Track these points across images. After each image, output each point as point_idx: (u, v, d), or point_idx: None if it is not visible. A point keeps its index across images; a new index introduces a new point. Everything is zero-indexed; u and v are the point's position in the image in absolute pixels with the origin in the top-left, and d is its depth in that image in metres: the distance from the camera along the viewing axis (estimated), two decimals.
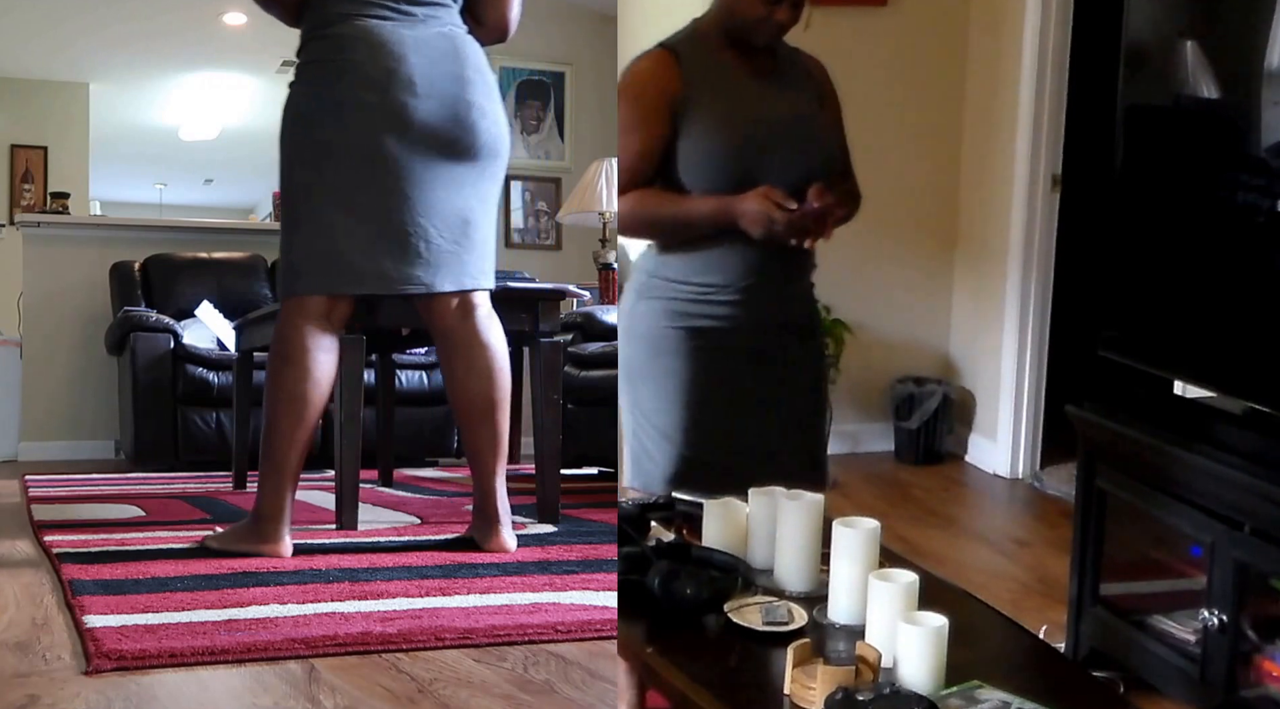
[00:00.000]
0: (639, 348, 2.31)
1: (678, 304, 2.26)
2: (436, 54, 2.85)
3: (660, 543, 2.02)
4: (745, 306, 2.24)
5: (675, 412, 2.27)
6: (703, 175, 2.20)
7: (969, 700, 1.51)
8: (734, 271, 2.23)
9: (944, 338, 4.81)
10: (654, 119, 2.22)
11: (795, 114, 2.27)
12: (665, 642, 1.74)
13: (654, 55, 2.27)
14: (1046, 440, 4.45)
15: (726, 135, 2.20)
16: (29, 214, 6.46)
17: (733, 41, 2.27)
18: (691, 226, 2.22)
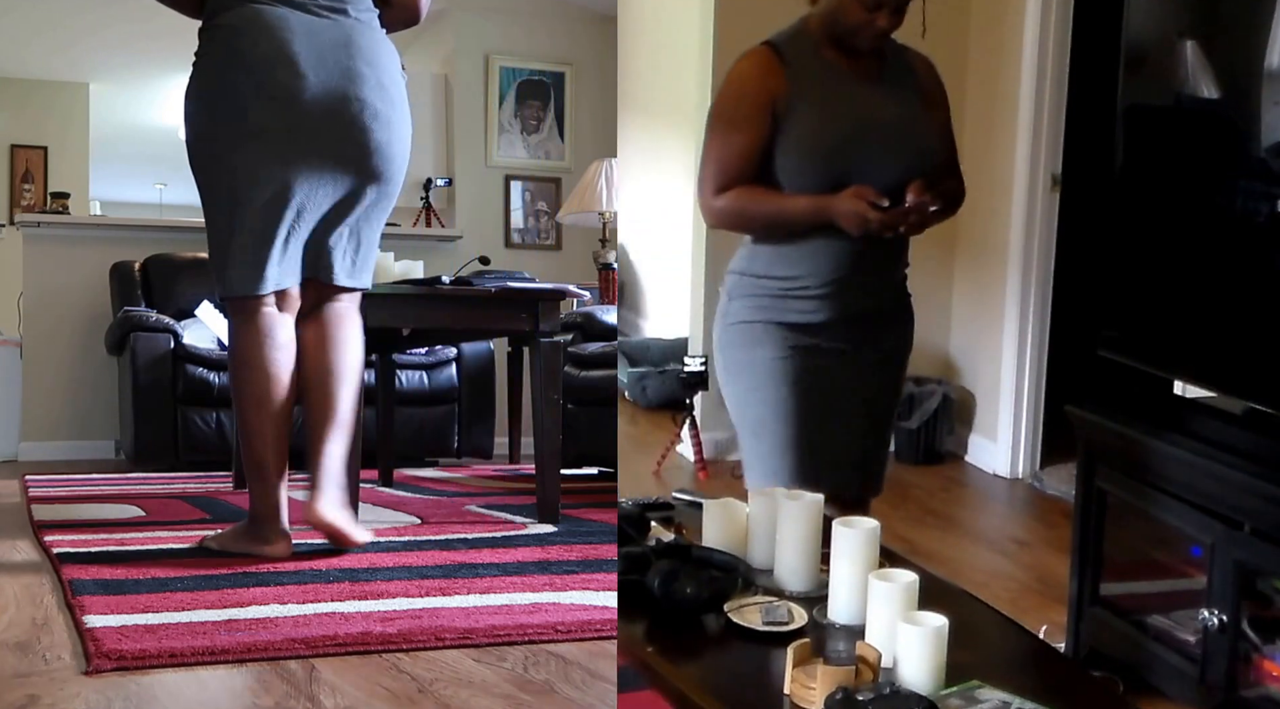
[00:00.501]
0: (732, 344, 2.34)
1: (767, 300, 2.29)
2: (325, 42, 2.76)
3: (660, 543, 2.02)
4: (835, 299, 2.26)
5: (762, 406, 2.29)
6: (799, 176, 2.22)
7: (969, 700, 1.51)
8: (826, 265, 2.25)
9: (944, 338, 4.81)
10: (756, 118, 2.24)
11: (895, 116, 2.27)
12: (665, 642, 1.74)
13: (758, 53, 2.29)
14: (1046, 440, 4.45)
15: (825, 138, 2.22)
16: (29, 214, 6.45)
17: (837, 42, 2.27)
18: (788, 225, 2.25)
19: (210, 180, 2.84)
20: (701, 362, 4.31)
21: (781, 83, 2.24)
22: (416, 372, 5.80)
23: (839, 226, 2.19)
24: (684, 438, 4.43)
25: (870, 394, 2.36)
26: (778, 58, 2.26)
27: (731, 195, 2.27)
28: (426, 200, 6.84)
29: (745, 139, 2.25)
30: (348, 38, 2.80)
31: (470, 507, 4.01)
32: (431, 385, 5.82)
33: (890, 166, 2.22)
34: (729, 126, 2.28)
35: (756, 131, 2.24)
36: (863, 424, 2.37)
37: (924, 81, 2.37)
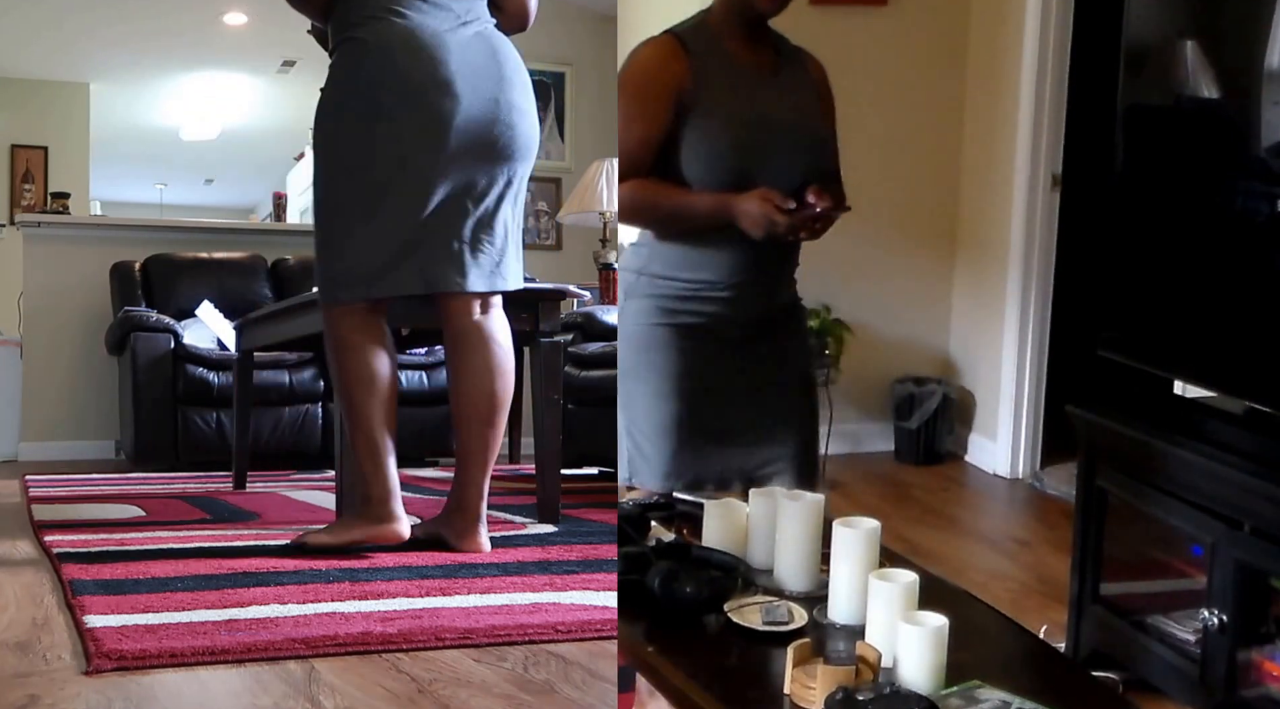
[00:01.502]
0: (628, 346, 2.32)
1: (666, 301, 2.25)
2: (476, 55, 2.81)
3: (660, 543, 2.02)
4: (734, 303, 2.24)
5: (665, 407, 2.27)
6: (703, 170, 2.18)
7: (969, 700, 1.51)
8: (725, 268, 2.22)
9: (944, 338, 4.80)
10: (658, 108, 2.19)
11: (797, 115, 2.26)
12: (665, 642, 1.74)
13: (661, 42, 2.26)
14: (1046, 440, 4.44)
15: (730, 132, 2.18)
16: (29, 214, 6.46)
17: (742, 30, 2.24)
18: (689, 221, 2.21)
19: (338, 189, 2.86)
20: None
21: (686, 74, 2.19)
22: (416, 372, 5.80)
23: (740, 227, 2.16)
24: None
25: (779, 395, 2.36)
26: (682, 48, 2.23)
27: (633, 185, 2.20)
28: None
29: (646, 128, 2.19)
30: (490, 47, 2.85)
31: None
32: (432, 385, 5.82)
33: (793, 166, 2.20)
34: (628, 116, 2.23)
35: (659, 122, 2.19)
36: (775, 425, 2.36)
37: (818, 83, 2.35)
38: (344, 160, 2.84)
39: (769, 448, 2.35)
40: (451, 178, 2.81)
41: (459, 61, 2.78)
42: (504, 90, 2.83)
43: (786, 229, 2.14)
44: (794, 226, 2.14)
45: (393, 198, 2.79)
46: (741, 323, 2.26)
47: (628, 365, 2.32)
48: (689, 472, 2.27)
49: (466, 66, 2.78)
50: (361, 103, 2.79)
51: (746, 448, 2.32)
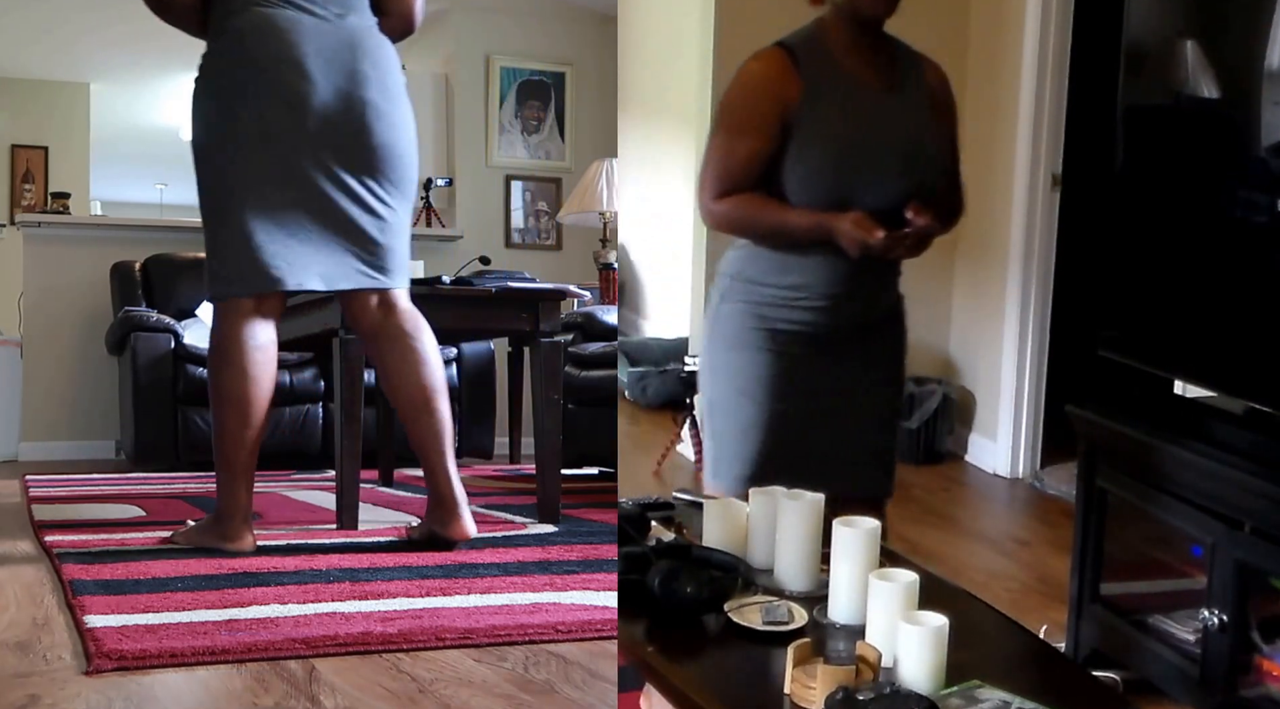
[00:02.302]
0: (717, 347, 2.32)
1: (761, 306, 2.25)
2: (331, 43, 2.79)
3: (660, 543, 2.02)
4: (831, 311, 2.24)
5: (750, 409, 2.27)
6: (803, 189, 2.17)
7: (969, 700, 1.51)
8: (823, 278, 2.21)
9: (944, 338, 4.81)
10: (765, 125, 2.16)
11: (907, 131, 2.22)
12: (665, 642, 1.74)
13: (769, 55, 2.20)
14: (1046, 440, 4.45)
15: (833, 155, 2.16)
16: (29, 214, 6.46)
17: (855, 40, 2.20)
18: (788, 237, 2.21)
19: (213, 178, 2.85)
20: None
21: (795, 89, 2.16)
22: None
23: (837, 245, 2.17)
24: (684, 437, 4.43)
25: (865, 397, 2.34)
26: (792, 61, 2.18)
27: (732, 202, 2.21)
28: (427, 200, 6.84)
29: (751, 145, 2.18)
30: (352, 40, 2.83)
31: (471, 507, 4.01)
32: None
33: (896, 183, 2.18)
34: (735, 130, 2.22)
35: (764, 139, 2.17)
36: (858, 426, 2.33)
37: (936, 91, 2.31)
38: (210, 152, 2.84)
39: (850, 450, 2.33)
40: (321, 166, 2.80)
41: (314, 46, 2.76)
42: (358, 86, 2.80)
43: (881, 251, 2.13)
44: (888, 247, 2.13)
45: (261, 188, 2.78)
46: (837, 330, 2.25)
47: (715, 364, 2.33)
48: (768, 473, 2.23)
49: (320, 54, 2.77)
50: (222, 90, 2.80)
51: (828, 451, 2.30)
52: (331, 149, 2.80)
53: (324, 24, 2.79)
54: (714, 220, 2.28)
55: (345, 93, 2.79)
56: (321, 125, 2.78)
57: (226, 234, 2.82)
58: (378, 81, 2.84)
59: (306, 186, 2.80)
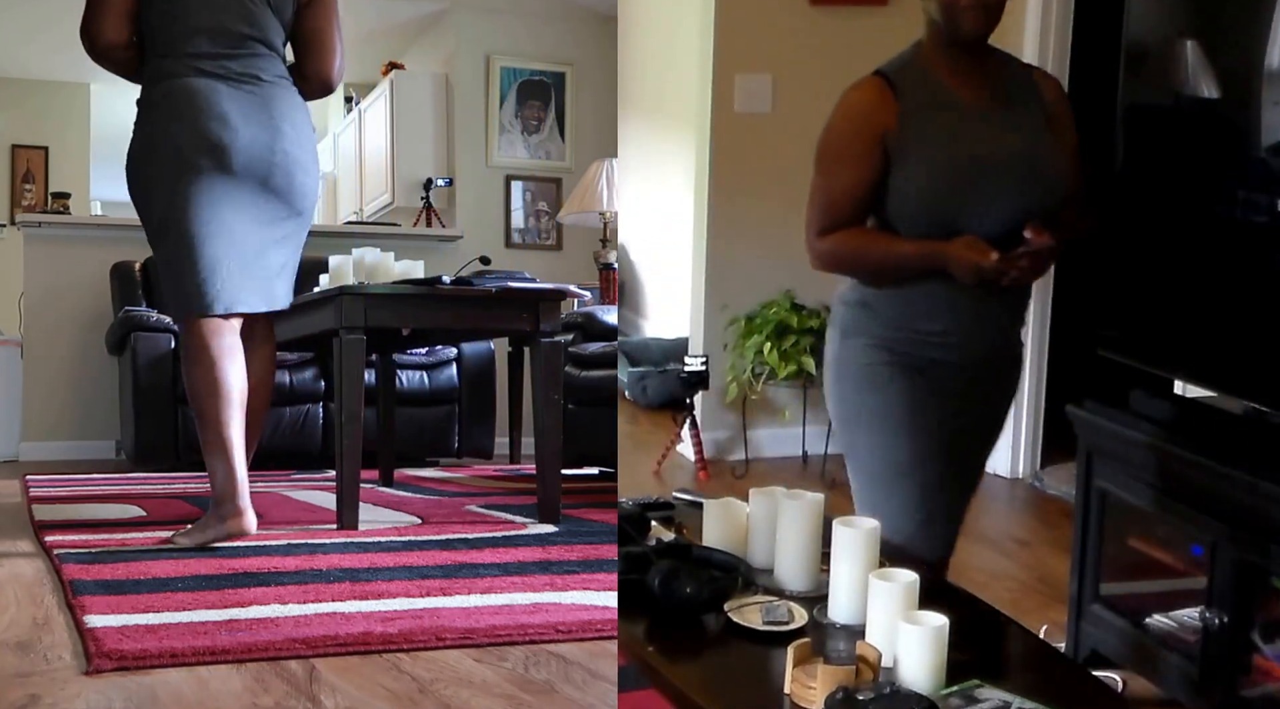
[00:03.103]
0: (849, 387, 2.21)
1: (886, 340, 2.15)
2: (250, 104, 3.07)
3: (660, 543, 2.02)
4: (957, 346, 2.14)
5: (895, 452, 2.16)
6: (910, 218, 2.09)
7: (969, 700, 1.51)
8: (943, 311, 2.12)
9: None
10: (866, 155, 2.09)
11: (1018, 149, 2.11)
12: (665, 642, 1.74)
13: (866, 85, 2.13)
14: (1046, 440, 4.45)
15: (940, 179, 2.07)
16: (30, 214, 6.45)
17: (956, 59, 2.13)
18: (899, 270, 2.12)
19: (152, 214, 3.09)
20: (702, 361, 4.31)
21: (893, 116, 2.09)
22: (417, 372, 5.80)
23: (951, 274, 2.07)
24: (684, 438, 4.44)
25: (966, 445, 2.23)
26: (890, 88, 2.10)
27: (838, 238, 2.13)
28: (427, 200, 6.84)
29: (853, 178, 2.11)
30: (268, 100, 3.11)
31: (471, 507, 4.01)
32: (432, 385, 5.82)
33: (1010, 204, 2.08)
34: (836, 163, 2.13)
35: (866, 169, 2.10)
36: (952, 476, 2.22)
37: (1051, 105, 2.21)
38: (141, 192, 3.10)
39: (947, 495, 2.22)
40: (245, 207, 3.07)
41: (234, 104, 3.05)
42: (278, 140, 3.08)
43: (997, 275, 2.05)
44: (1004, 270, 2.04)
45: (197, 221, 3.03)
46: (962, 365, 2.16)
47: (851, 409, 2.21)
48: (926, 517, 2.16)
49: (239, 109, 3.05)
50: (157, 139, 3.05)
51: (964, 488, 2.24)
52: (254, 193, 3.08)
53: (240, 89, 3.07)
54: (820, 258, 2.17)
55: (266, 143, 3.06)
56: (246, 169, 3.04)
57: (170, 262, 3.10)
58: (293, 135, 3.13)
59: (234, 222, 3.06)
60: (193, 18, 3.05)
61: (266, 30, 3.13)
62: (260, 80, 3.10)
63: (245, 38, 3.09)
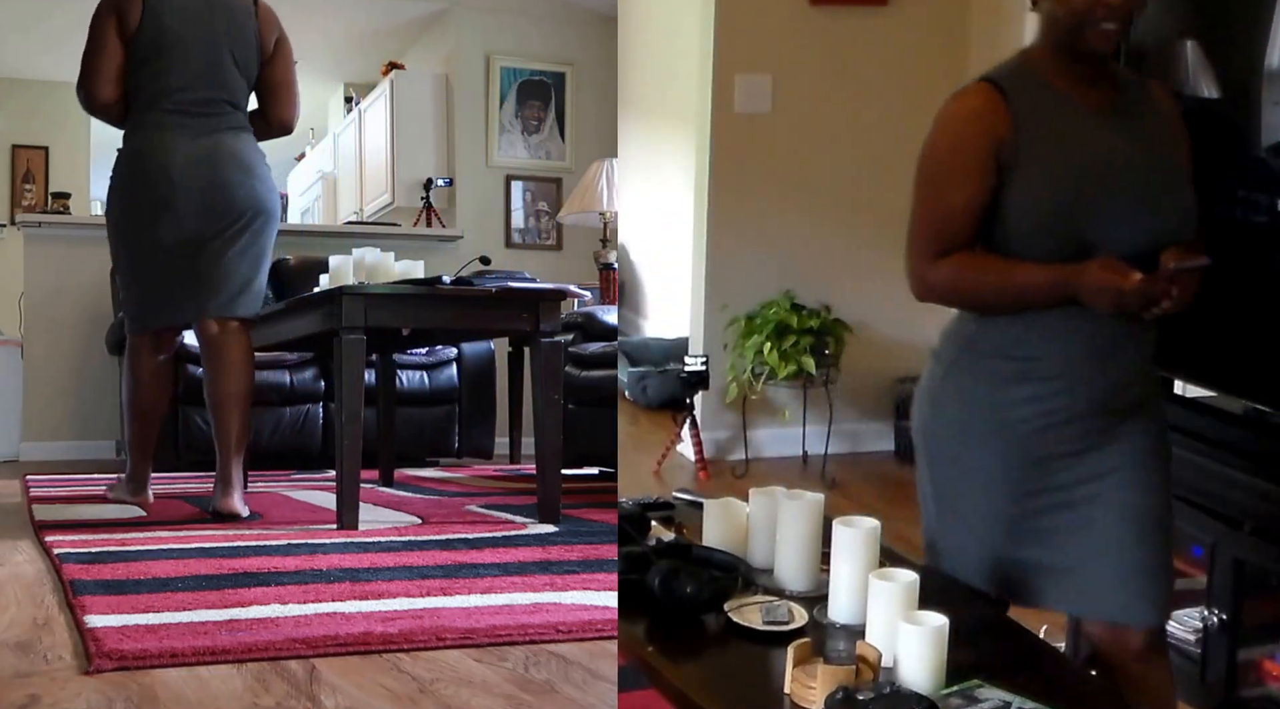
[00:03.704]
0: (951, 431, 2.01)
1: (996, 385, 1.94)
2: (201, 152, 3.54)
3: (660, 542, 2.02)
4: (1078, 388, 1.90)
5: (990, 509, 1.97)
6: (1031, 235, 1.87)
7: (969, 700, 1.51)
8: (1064, 347, 1.90)
9: None
10: (976, 170, 1.88)
11: (1144, 159, 1.90)
12: (665, 642, 1.74)
13: (973, 90, 1.94)
14: None
15: (1062, 187, 1.86)
16: (30, 214, 6.45)
17: (1072, 66, 1.91)
18: (1022, 300, 1.89)
19: (120, 253, 3.70)
20: (702, 361, 4.31)
21: (1005, 125, 1.88)
22: (417, 372, 5.80)
23: (1083, 302, 1.84)
24: (684, 437, 4.44)
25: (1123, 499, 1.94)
26: (999, 95, 1.90)
27: (950, 265, 1.91)
28: (427, 200, 6.84)
29: (964, 195, 1.88)
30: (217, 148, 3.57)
31: (471, 507, 4.01)
32: (432, 385, 5.82)
33: (1144, 221, 1.86)
34: (943, 181, 1.91)
35: (978, 185, 1.88)
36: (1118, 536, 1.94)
37: (1168, 119, 2.00)
38: (112, 228, 3.67)
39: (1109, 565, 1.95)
40: (194, 240, 3.55)
41: (187, 158, 3.53)
42: (218, 173, 3.55)
43: (1139, 300, 1.81)
44: (1148, 297, 1.81)
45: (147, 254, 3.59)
46: (1087, 414, 1.91)
47: (942, 448, 2.02)
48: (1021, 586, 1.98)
49: (189, 164, 3.53)
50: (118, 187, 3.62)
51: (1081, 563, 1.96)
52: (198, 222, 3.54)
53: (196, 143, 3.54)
54: (933, 289, 1.96)
55: (207, 183, 3.53)
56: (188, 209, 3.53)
57: (129, 285, 3.71)
58: (235, 166, 3.58)
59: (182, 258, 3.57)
60: (171, 80, 3.53)
61: (235, 93, 3.64)
62: (217, 132, 3.58)
63: (214, 100, 3.59)
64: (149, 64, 3.53)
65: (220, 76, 3.58)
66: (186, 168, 3.52)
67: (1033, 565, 1.97)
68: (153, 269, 3.60)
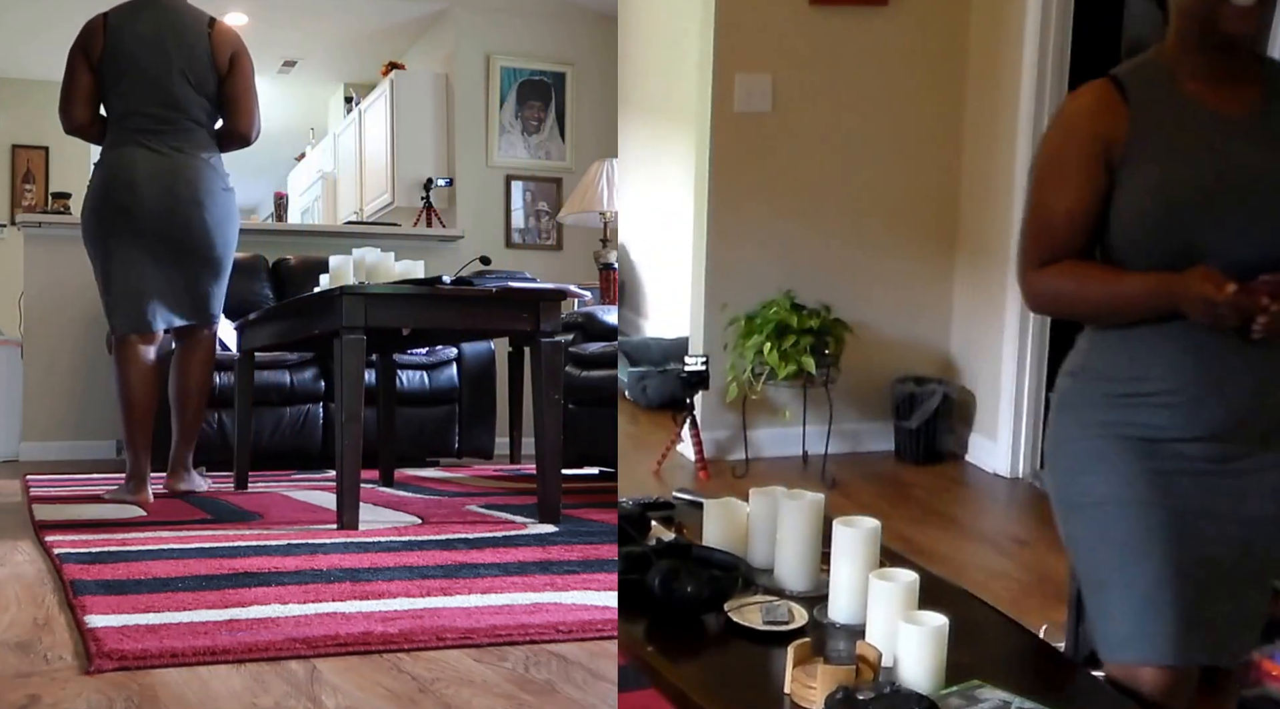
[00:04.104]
0: (1068, 470, 1.85)
1: (1111, 407, 1.80)
2: (162, 167, 3.93)
3: (661, 542, 2.02)
4: (1199, 406, 1.75)
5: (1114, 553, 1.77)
6: (1136, 244, 1.75)
7: (969, 700, 1.51)
8: (1175, 365, 1.75)
9: (944, 338, 4.81)
10: (1085, 170, 1.77)
11: (1274, 169, 1.75)
12: (665, 642, 1.74)
13: (1093, 88, 1.81)
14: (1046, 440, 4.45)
15: (1173, 195, 1.73)
16: (30, 214, 6.45)
17: (1207, 66, 1.77)
18: (1124, 311, 1.78)
19: (94, 259, 4.04)
20: (702, 361, 4.31)
21: (1120, 124, 1.76)
22: (417, 371, 5.80)
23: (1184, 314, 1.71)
24: (684, 437, 4.44)
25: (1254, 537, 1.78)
26: (1119, 93, 1.78)
27: (1053, 272, 1.81)
28: (427, 200, 6.85)
29: (1072, 198, 1.78)
30: (177, 166, 3.94)
31: (471, 507, 4.01)
32: (432, 385, 5.82)
33: (1265, 236, 1.72)
34: (1053, 182, 1.81)
35: (1086, 188, 1.77)
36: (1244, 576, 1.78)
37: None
38: (87, 239, 4.01)
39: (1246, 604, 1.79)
40: (155, 250, 3.92)
41: (147, 172, 3.92)
42: (176, 204, 3.91)
43: (1233, 313, 1.66)
44: (1241, 307, 1.65)
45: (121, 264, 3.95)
46: (1214, 436, 1.75)
47: (1067, 492, 1.86)
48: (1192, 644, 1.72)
49: (150, 176, 3.91)
50: (90, 201, 4.02)
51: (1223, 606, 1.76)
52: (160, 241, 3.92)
53: (159, 156, 3.94)
54: (1033, 295, 1.88)
55: (166, 210, 3.90)
56: (149, 226, 3.90)
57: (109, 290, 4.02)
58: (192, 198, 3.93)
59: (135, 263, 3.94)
60: (133, 101, 3.95)
61: (190, 108, 3.98)
62: (180, 150, 3.95)
63: (172, 117, 3.96)
64: (114, 88, 3.98)
65: (174, 95, 3.95)
66: (148, 184, 3.91)
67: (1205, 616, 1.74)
68: (123, 276, 3.94)
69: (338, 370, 3.42)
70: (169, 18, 3.99)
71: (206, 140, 4.02)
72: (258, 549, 3.02)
